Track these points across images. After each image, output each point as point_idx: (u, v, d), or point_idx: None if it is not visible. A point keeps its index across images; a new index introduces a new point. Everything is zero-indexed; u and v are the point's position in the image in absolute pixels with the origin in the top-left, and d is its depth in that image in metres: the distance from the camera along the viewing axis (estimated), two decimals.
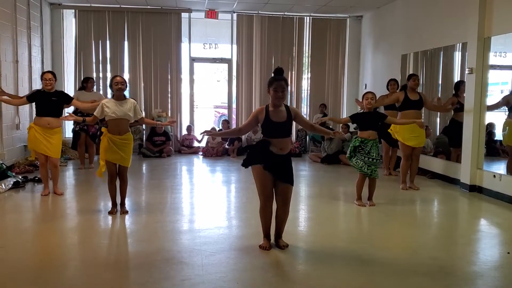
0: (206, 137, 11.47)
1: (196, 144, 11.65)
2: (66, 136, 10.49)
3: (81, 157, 9.04)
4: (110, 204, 5.76)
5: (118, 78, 5.66)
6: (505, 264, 4.32)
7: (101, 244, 4.74)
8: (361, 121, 6.25)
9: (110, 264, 4.19)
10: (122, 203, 5.83)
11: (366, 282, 3.84)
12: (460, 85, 7.78)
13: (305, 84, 12.26)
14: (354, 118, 6.39)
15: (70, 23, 11.40)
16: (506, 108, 7.24)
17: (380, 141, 8.28)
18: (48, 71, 6.78)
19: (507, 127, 7.16)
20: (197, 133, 11.89)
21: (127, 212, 5.77)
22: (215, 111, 15.45)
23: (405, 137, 7.31)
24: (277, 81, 4.30)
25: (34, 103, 6.75)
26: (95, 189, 7.26)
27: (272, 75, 4.42)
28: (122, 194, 5.83)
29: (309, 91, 12.21)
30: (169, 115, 11.56)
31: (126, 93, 5.84)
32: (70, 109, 9.28)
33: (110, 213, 5.71)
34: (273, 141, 4.34)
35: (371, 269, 4.10)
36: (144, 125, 11.22)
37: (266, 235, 4.52)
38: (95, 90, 9.72)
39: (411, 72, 9.13)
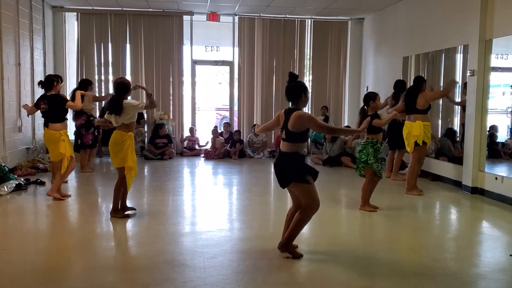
0: (210, 140, 11.50)
1: (198, 146, 11.65)
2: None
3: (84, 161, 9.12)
4: (111, 207, 5.75)
5: None
6: (507, 267, 4.31)
7: (103, 246, 4.75)
8: None
9: (112, 266, 4.20)
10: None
11: (369, 284, 3.84)
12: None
13: (307, 86, 12.22)
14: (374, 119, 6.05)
15: (72, 26, 11.43)
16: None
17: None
18: None
19: None
20: (199, 135, 11.92)
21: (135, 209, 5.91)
22: (217, 113, 15.46)
23: (426, 138, 7.15)
24: None
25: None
26: (96, 191, 7.28)
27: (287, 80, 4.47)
28: (125, 196, 5.86)
29: (310, 94, 12.20)
30: (171, 117, 11.59)
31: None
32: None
33: (118, 216, 5.72)
34: (304, 146, 4.38)
35: (374, 271, 4.11)
36: (146, 127, 11.34)
37: None
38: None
39: (413, 74, 9.14)
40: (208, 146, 11.41)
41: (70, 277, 3.93)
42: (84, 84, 8.82)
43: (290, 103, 4.40)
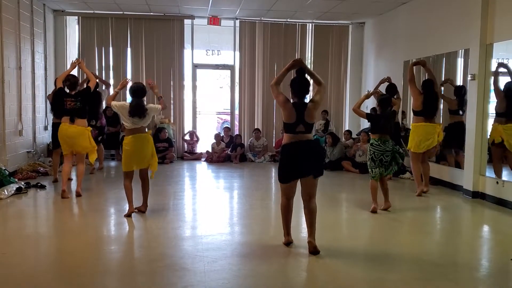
0: (208, 145, 11.50)
1: (198, 150, 11.65)
2: None
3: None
4: (112, 210, 5.76)
5: None
6: (507, 271, 4.31)
7: (103, 250, 4.74)
8: None
9: (113, 271, 4.19)
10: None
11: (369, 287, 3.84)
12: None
13: None
14: None
15: (73, 30, 11.45)
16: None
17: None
18: None
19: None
20: (200, 139, 11.91)
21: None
22: (218, 117, 15.46)
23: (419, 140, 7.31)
24: None
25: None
26: (97, 194, 7.27)
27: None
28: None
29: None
30: (172, 121, 11.59)
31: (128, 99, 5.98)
32: None
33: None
34: None
35: (375, 276, 4.09)
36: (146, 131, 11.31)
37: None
38: None
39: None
40: (208, 146, 11.40)
41: (70, 281, 3.91)
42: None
43: (297, 98, 4.65)
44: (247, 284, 3.84)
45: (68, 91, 6.94)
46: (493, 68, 7.12)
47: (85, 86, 7.54)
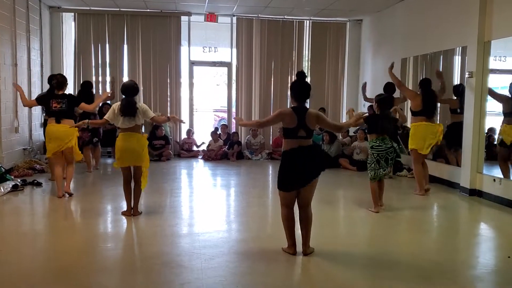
0: (207, 141, 11.48)
1: (195, 148, 11.63)
2: None
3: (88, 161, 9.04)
4: (109, 208, 5.74)
5: None
6: (505, 268, 4.30)
7: (100, 248, 4.72)
8: None
9: (110, 268, 4.17)
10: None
11: (367, 286, 3.82)
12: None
13: None
14: None
15: (69, 27, 11.39)
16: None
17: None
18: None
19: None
20: (197, 137, 11.89)
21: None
22: (215, 115, 15.45)
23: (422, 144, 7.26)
24: None
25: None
26: (93, 192, 7.24)
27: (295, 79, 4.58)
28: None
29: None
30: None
31: None
32: None
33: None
34: None
35: (372, 274, 4.09)
36: (143, 128, 11.26)
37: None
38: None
39: (411, 76, 9.15)
40: (205, 147, 11.38)
41: (67, 279, 3.89)
42: (87, 87, 8.80)
43: (298, 102, 4.42)
44: (244, 282, 3.83)
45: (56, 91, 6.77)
46: (491, 66, 7.11)
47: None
